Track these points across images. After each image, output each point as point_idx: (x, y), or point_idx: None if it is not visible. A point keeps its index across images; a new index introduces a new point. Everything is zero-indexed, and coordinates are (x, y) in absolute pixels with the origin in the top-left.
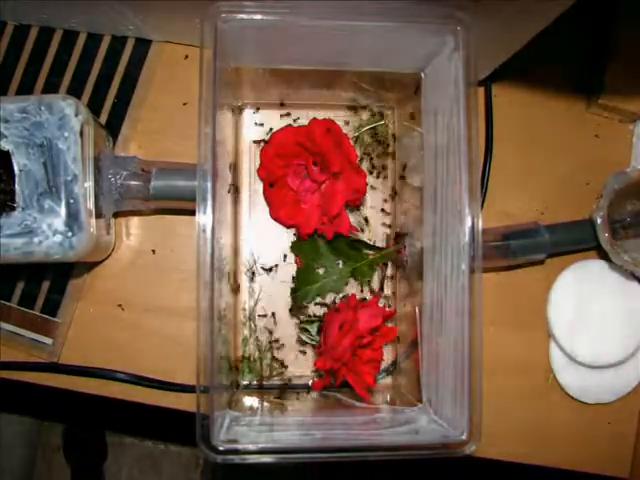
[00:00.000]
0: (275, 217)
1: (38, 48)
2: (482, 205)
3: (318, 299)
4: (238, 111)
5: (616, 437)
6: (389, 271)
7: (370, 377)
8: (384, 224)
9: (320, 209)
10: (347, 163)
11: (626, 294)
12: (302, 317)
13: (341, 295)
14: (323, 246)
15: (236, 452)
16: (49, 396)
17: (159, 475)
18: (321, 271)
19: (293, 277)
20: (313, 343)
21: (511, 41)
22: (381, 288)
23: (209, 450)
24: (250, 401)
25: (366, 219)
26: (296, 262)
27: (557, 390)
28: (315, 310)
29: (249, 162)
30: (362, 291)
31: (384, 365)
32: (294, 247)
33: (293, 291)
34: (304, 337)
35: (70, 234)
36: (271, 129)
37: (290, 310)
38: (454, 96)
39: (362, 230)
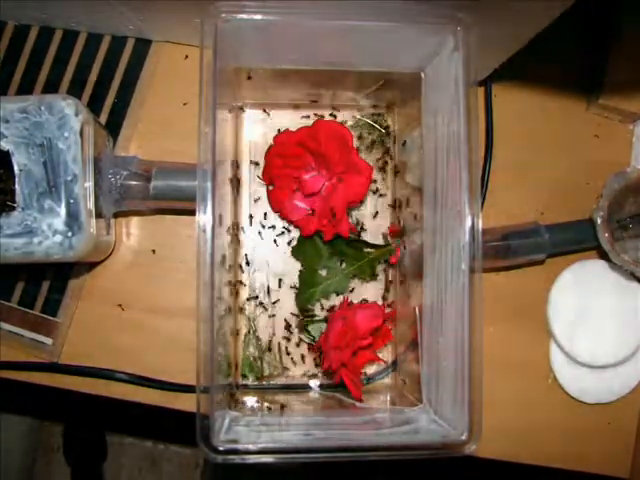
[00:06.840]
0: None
1: (38, 48)
2: (482, 205)
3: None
4: (238, 111)
5: (616, 437)
6: (390, 271)
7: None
8: (384, 223)
9: (320, 211)
10: (350, 164)
11: (626, 294)
12: (302, 317)
13: (345, 295)
14: (323, 247)
15: (236, 452)
16: (49, 396)
17: (159, 475)
18: (324, 272)
19: (292, 279)
20: (313, 343)
21: (511, 41)
22: (387, 289)
23: (209, 450)
24: (250, 401)
25: (365, 218)
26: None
27: (557, 390)
28: (316, 310)
29: (249, 162)
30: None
31: (384, 365)
32: (295, 251)
33: (298, 295)
34: (304, 337)
35: (70, 234)
36: (271, 129)
37: (292, 309)
38: (454, 96)
39: (361, 229)
